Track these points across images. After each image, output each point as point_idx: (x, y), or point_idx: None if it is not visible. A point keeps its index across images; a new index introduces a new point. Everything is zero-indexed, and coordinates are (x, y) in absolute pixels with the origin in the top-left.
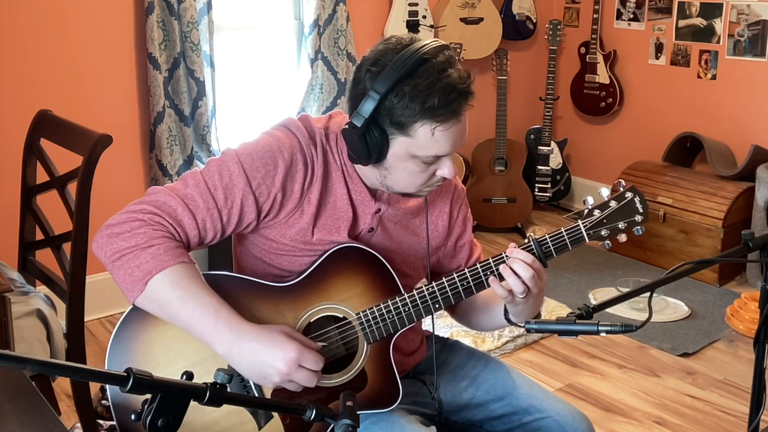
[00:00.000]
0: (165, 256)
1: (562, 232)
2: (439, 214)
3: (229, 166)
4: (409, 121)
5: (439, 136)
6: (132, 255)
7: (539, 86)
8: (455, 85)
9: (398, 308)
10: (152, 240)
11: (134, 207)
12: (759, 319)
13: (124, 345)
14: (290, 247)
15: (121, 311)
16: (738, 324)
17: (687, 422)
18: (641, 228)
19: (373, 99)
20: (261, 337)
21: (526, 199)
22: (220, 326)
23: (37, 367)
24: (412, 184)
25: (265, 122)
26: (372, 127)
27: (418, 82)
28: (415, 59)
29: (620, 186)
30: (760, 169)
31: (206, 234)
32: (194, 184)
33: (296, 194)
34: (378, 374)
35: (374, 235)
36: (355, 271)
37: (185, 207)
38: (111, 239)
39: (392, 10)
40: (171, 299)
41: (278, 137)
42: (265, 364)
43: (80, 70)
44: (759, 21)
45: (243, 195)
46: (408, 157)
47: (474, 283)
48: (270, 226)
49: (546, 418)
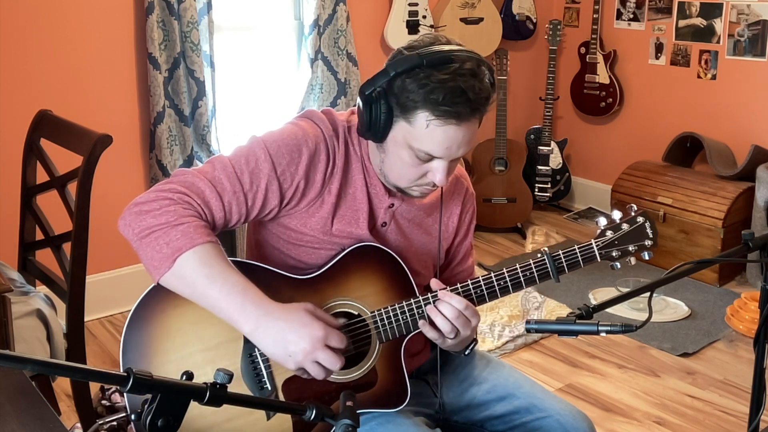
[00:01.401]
0: (195, 234)
1: (575, 249)
2: (450, 216)
3: (255, 152)
4: (411, 105)
5: (433, 131)
6: (162, 232)
7: (539, 86)
8: (467, 92)
9: (412, 310)
10: (182, 218)
11: (163, 186)
12: (759, 319)
13: (141, 325)
14: (309, 238)
15: (121, 311)
16: (738, 324)
17: (687, 422)
18: (650, 253)
19: (386, 74)
20: (287, 316)
21: (526, 199)
22: (247, 304)
23: (37, 367)
24: (402, 176)
25: (265, 122)
26: (380, 101)
27: (434, 74)
28: (442, 55)
29: (632, 210)
30: (760, 169)
31: (231, 217)
32: (222, 168)
33: (318, 184)
34: (388, 374)
35: (388, 230)
36: (372, 270)
37: (213, 189)
38: (140, 216)
39: (392, 10)
40: (199, 277)
41: (303, 127)
42: (290, 341)
43: (80, 70)
44: (759, 21)
45: (268, 180)
46: (404, 145)
47: (488, 292)
48: (291, 215)
49: (547, 418)
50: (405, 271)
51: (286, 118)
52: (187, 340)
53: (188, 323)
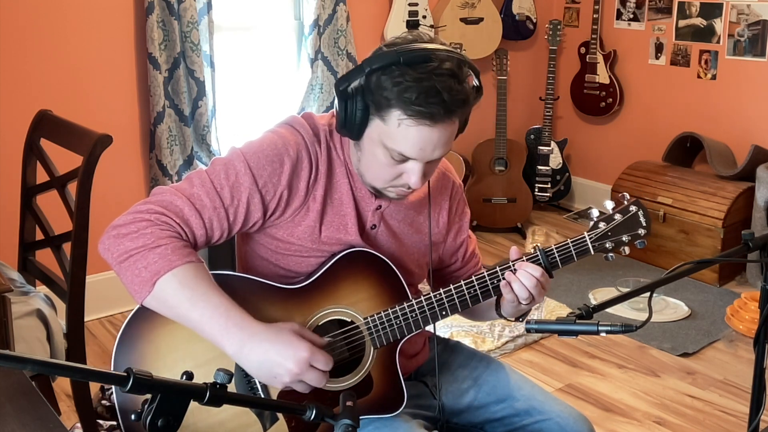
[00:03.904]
0: (173, 256)
1: (568, 243)
2: (440, 211)
3: (235, 165)
4: (385, 103)
5: (406, 131)
6: (140, 255)
7: (539, 86)
8: (442, 93)
9: (406, 314)
10: (160, 240)
11: (141, 207)
12: (759, 319)
13: (131, 343)
14: (297, 247)
15: (121, 311)
16: (738, 324)
17: (687, 422)
18: (644, 241)
19: (361, 70)
20: (271, 337)
21: (526, 199)
22: (230, 326)
23: (37, 367)
24: (378, 176)
25: (265, 122)
26: (356, 98)
27: (410, 72)
28: (420, 54)
29: (624, 199)
30: (760, 169)
31: (213, 233)
32: (200, 184)
33: (301, 192)
34: (383, 379)
35: (378, 232)
36: (363, 276)
37: (192, 206)
38: (118, 240)
39: (392, 10)
40: (180, 300)
41: (283, 135)
42: (275, 363)
43: (80, 70)
44: (759, 21)
45: (249, 193)
46: (379, 144)
47: (481, 291)
48: (276, 225)
49: (547, 420)
50: (396, 274)
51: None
52: (179, 357)
53: (178, 340)
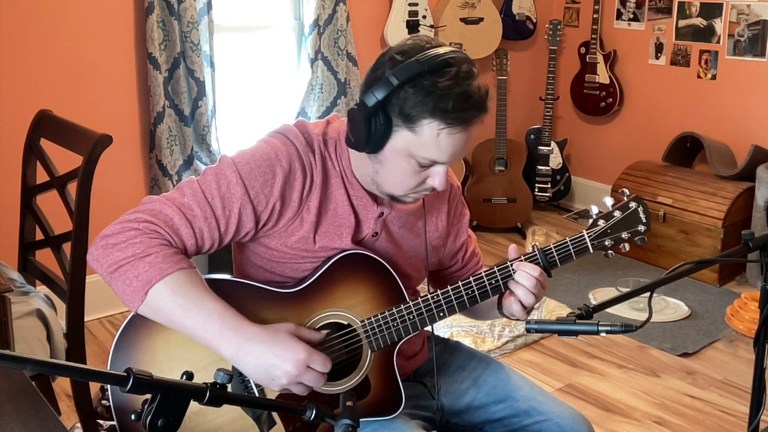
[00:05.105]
0: (163, 264)
1: (567, 242)
2: (438, 215)
3: (226, 175)
4: (419, 115)
5: (443, 140)
6: (130, 265)
7: (539, 86)
8: (473, 95)
9: (403, 316)
10: (149, 249)
11: (129, 216)
12: (759, 319)
13: (126, 350)
14: (291, 255)
15: (121, 311)
16: (738, 324)
17: (687, 422)
18: (644, 238)
19: (389, 84)
20: (268, 339)
21: (526, 199)
22: (225, 330)
23: (37, 367)
24: (401, 184)
25: (265, 122)
26: (380, 112)
27: (439, 81)
28: (441, 60)
29: (624, 195)
30: (760, 169)
31: (203, 243)
32: (191, 193)
33: (295, 203)
34: (381, 382)
35: (378, 239)
36: (360, 278)
37: (182, 216)
38: (107, 250)
39: (392, 10)
40: (173, 308)
41: (275, 145)
42: (272, 366)
43: (80, 70)
44: (759, 21)
45: (241, 204)
46: (405, 155)
47: (479, 293)
48: (269, 235)
49: (546, 421)
50: (393, 276)
51: (285, 119)
52: (175, 363)
53: (174, 346)
